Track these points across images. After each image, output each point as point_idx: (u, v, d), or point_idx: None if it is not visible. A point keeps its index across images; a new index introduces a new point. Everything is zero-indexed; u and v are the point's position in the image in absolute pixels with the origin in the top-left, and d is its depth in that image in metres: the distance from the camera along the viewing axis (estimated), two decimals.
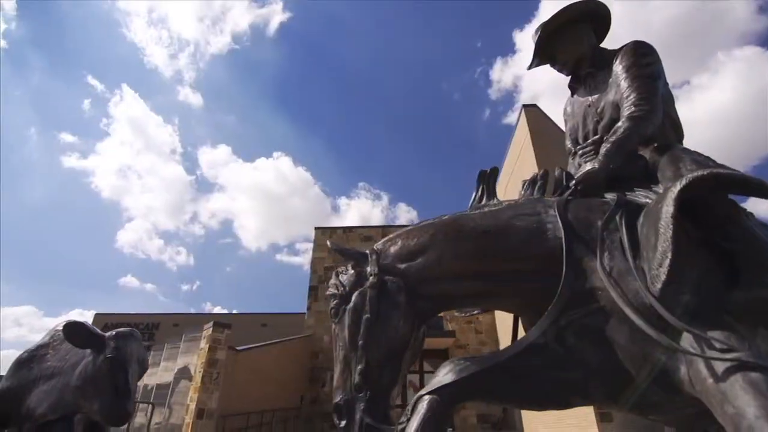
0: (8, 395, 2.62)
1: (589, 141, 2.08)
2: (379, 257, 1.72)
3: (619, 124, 1.91)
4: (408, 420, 1.34)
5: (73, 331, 2.41)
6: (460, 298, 1.72)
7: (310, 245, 21.94)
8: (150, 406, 9.67)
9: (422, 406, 1.31)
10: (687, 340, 1.20)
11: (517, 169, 14.05)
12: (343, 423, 1.48)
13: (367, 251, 1.78)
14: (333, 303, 1.69)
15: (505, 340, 16.90)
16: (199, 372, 10.49)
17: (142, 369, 2.57)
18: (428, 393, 1.34)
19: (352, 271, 1.72)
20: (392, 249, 1.75)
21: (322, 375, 18.18)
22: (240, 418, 11.34)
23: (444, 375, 1.38)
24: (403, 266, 1.67)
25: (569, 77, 2.47)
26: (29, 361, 2.73)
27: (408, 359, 1.60)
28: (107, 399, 2.27)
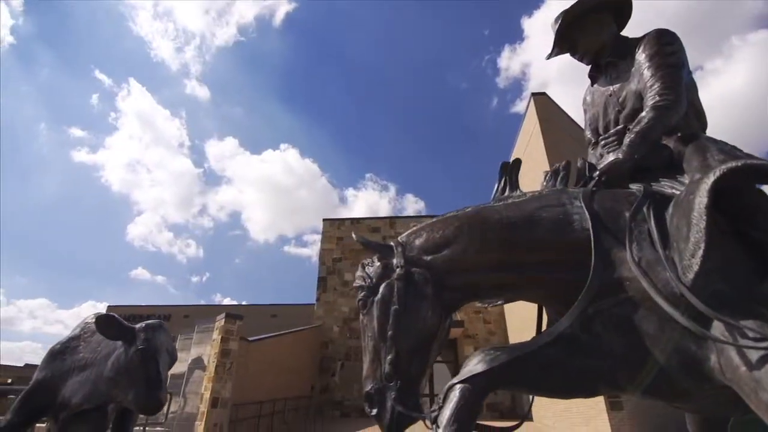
0: (44, 385, 2.72)
1: (612, 131, 2.07)
2: (404, 249, 1.74)
3: (644, 114, 1.90)
4: (440, 408, 1.37)
5: (105, 323, 2.48)
6: (485, 289, 1.74)
7: (318, 237, 22.07)
8: (168, 395, 9.87)
9: (454, 395, 1.34)
10: (718, 329, 1.21)
11: (526, 158, 13.91)
12: (374, 411, 1.52)
13: (392, 243, 1.80)
14: (361, 295, 1.72)
15: (513, 330, 16.95)
16: (213, 362, 10.66)
17: (172, 359, 2.64)
18: (460, 382, 1.37)
19: (378, 264, 1.74)
20: (417, 241, 1.77)
21: (332, 364, 18.42)
22: (253, 407, 11.55)
23: (475, 365, 1.40)
24: (428, 258, 1.69)
25: (588, 66, 2.45)
26: (62, 352, 2.82)
27: (435, 349, 1.63)
28: (141, 389, 2.35)
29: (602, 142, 2.11)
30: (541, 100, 13.31)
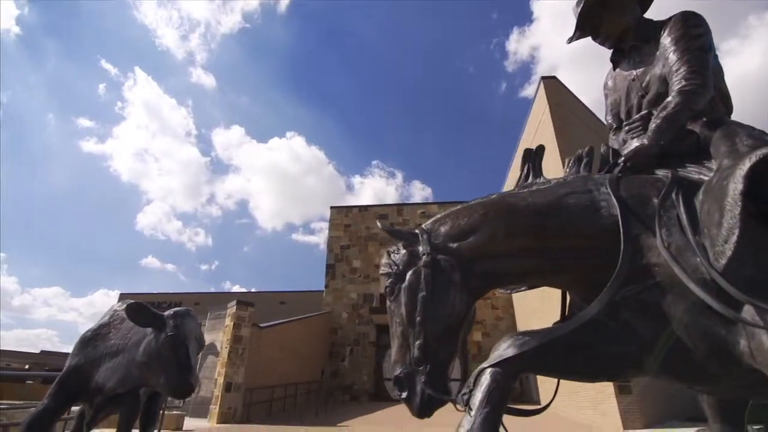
0: (77, 371, 2.83)
1: (637, 116, 2.06)
2: (429, 237, 1.75)
3: (670, 98, 1.87)
4: (470, 391, 1.40)
5: (136, 311, 2.57)
6: (512, 276, 1.76)
7: (325, 224, 22.23)
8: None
9: (485, 378, 1.38)
10: (749, 313, 1.22)
11: (536, 142, 13.73)
12: (404, 394, 1.56)
13: (417, 231, 1.82)
14: (387, 282, 1.74)
15: (521, 316, 17.05)
16: (226, 348, 10.88)
17: (200, 345, 2.73)
18: (491, 366, 1.40)
19: (404, 251, 1.76)
20: (442, 229, 1.78)
21: (342, 350, 18.71)
22: (265, 391, 11.81)
23: (505, 349, 1.43)
24: (454, 245, 1.71)
25: (610, 50, 2.41)
26: (93, 339, 2.93)
27: (463, 334, 1.66)
28: (172, 374, 2.44)
29: (626, 128, 2.09)
30: (551, 84, 13.11)
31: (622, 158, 1.90)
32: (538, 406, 1.55)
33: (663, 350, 1.45)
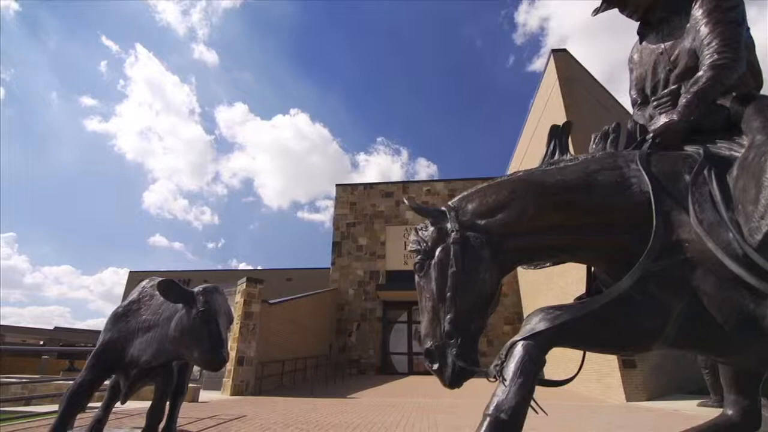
0: (111, 345, 2.95)
1: (666, 91, 2.03)
2: (457, 214, 1.77)
3: (701, 73, 1.84)
4: (502, 363, 1.45)
5: (167, 288, 2.66)
6: (540, 252, 1.78)
7: (330, 202, 22.36)
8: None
9: (518, 351, 1.42)
10: None
11: (545, 118, 13.58)
12: (435, 366, 1.61)
13: (444, 209, 1.83)
14: (417, 258, 1.77)
15: (525, 292, 17.22)
16: (237, 324, 11.11)
17: (229, 320, 2.82)
18: (523, 339, 1.44)
19: (433, 228, 1.78)
20: (470, 206, 1.80)
21: (348, 326, 19.08)
22: (276, 365, 12.12)
23: (537, 323, 1.47)
24: (483, 222, 1.73)
25: (638, 23, 2.36)
26: (126, 315, 3.03)
27: (492, 308, 1.70)
28: (205, 347, 2.54)
29: (654, 103, 2.06)
30: (562, 57, 12.78)
31: (651, 134, 1.89)
32: (565, 378, 1.60)
33: (689, 323, 1.48)
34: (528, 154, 16.10)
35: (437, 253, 1.71)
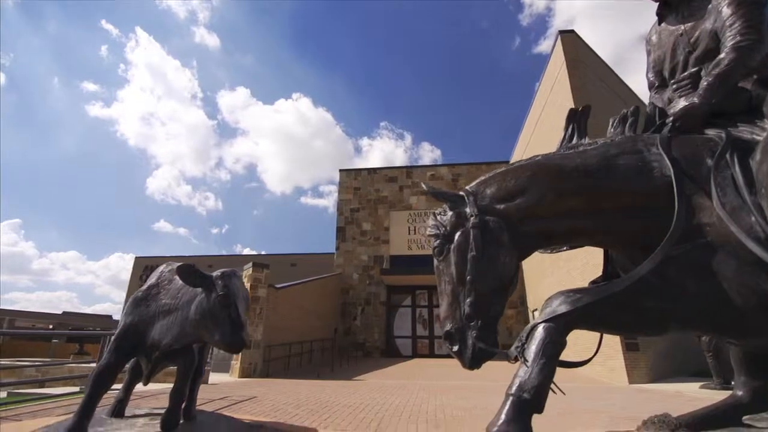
0: (133, 329, 3.02)
1: (686, 74, 2.00)
2: (476, 199, 1.78)
3: (723, 54, 1.82)
4: (523, 344, 1.48)
5: (187, 272, 2.72)
6: (559, 236, 1.79)
7: (334, 187, 22.68)
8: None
9: (539, 333, 1.44)
10: None
11: (551, 101, 13.41)
12: (455, 347, 1.64)
13: (462, 193, 1.84)
14: (436, 243, 1.79)
15: (530, 277, 17.29)
16: None
17: (247, 303, 2.86)
18: (544, 321, 1.47)
19: (451, 213, 1.79)
20: (488, 191, 1.80)
21: (353, 310, 19.29)
22: (283, 348, 12.32)
23: (558, 306, 1.49)
24: (501, 207, 1.74)
25: (657, 4, 2.31)
26: (145, 299, 3.10)
27: (511, 291, 1.73)
28: (226, 330, 2.60)
29: (674, 86, 2.04)
30: (569, 38, 12.55)
31: (671, 118, 1.88)
32: (584, 359, 1.63)
33: (707, 306, 1.50)
34: (534, 137, 15.96)
35: (456, 237, 1.72)
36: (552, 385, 1.42)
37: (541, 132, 14.74)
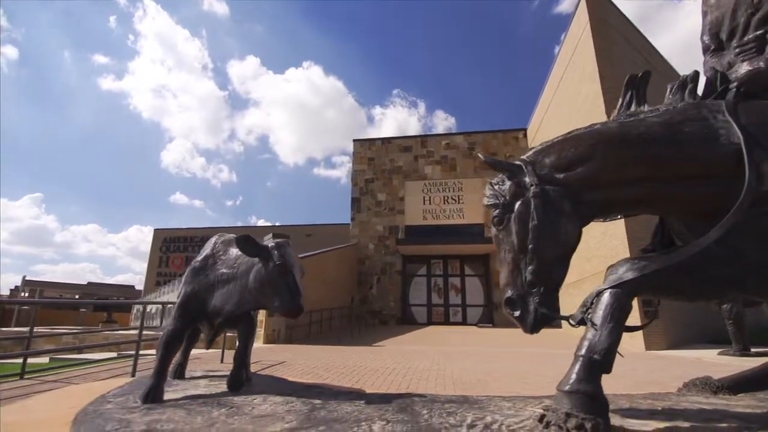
0: (193, 296, 3.21)
1: (751, 37, 1.93)
2: (534, 168, 1.79)
3: None
4: (587, 310, 1.53)
5: (245, 243, 2.87)
6: (620, 204, 1.80)
7: (347, 158, 22.68)
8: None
9: (606, 298, 1.49)
10: None
11: (573, 65, 12.95)
12: (517, 313, 1.70)
13: (519, 163, 1.85)
14: (496, 212, 1.82)
15: None
16: None
17: (301, 272, 2.98)
18: (611, 287, 1.51)
19: (510, 182, 1.81)
20: (547, 160, 1.81)
21: (369, 279, 19.63)
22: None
23: (624, 272, 1.53)
24: (562, 176, 1.74)
25: None
26: (203, 269, 3.27)
27: (571, 258, 1.76)
28: (285, 297, 2.74)
29: (737, 50, 1.98)
30: None
31: (735, 83, 1.83)
32: (645, 322, 1.68)
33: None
34: (554, 103, 15.53)
35: (517, 206, 1.75)
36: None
37: (563, 97, 14.31)
